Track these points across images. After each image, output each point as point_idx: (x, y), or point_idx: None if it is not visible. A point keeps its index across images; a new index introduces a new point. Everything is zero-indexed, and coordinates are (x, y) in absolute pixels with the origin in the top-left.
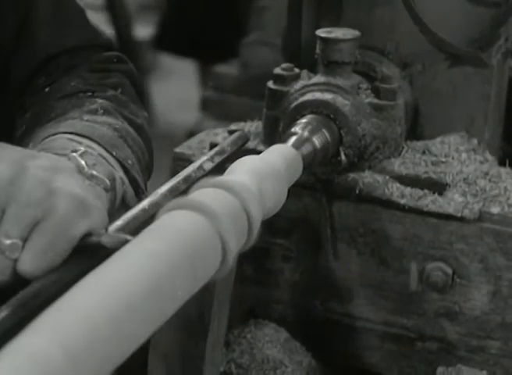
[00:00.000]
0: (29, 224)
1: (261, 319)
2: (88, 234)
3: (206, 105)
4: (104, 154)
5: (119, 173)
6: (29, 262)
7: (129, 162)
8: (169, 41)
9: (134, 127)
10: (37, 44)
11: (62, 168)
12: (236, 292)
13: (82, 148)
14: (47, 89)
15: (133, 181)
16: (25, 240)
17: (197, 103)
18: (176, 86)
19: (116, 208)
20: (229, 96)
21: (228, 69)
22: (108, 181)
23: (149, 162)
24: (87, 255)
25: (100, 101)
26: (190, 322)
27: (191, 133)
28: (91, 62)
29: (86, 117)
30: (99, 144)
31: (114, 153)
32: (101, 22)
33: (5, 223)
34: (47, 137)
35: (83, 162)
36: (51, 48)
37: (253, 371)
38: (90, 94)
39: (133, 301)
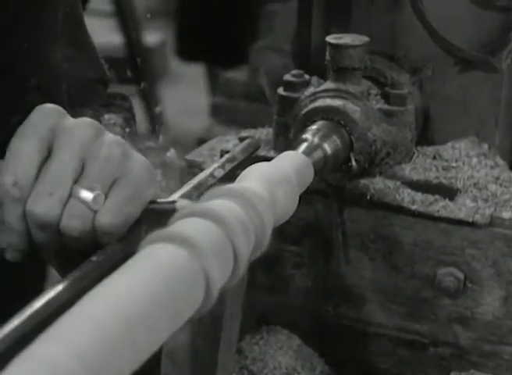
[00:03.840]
0: (109, 180)
1: (273, 325)
2: (152, 202)
3: (216, 111)
4: None
5: None
6: (109, 214)
7: None
8: (179, 46)
9: None
10: (56, 83)
11: None
12: (248, 299)
13: None
14: None
15: None
16: (105, 194)
17: (207, 109)
18: (186, 92)
19: None
20: (240, 102)
21: (238, 75)
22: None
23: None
24: (156, 219)
25: (117, 128)
26: (203, 329)
27: (201, 140)
28: (100, 97)
29: None
30: None
31: None
32: (110, 28)
33: (88, 177)
34: None
35: None
36: (65, 85)
37: None
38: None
39: (145, 314)
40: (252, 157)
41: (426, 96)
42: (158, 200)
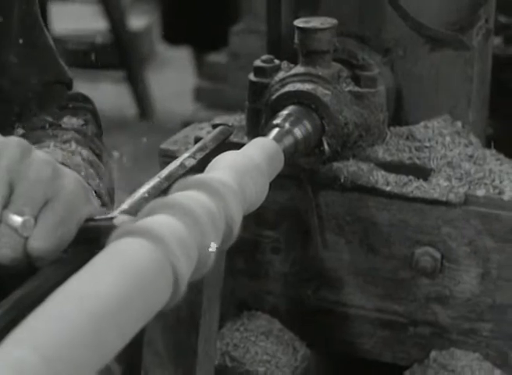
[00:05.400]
0: (40, 202)
1: (253, 311)
2: (89, 219)
3: (200, 95)
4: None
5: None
6: (41, 239)
7: (103, 191)
8: (164, 30)
9: (102, 162)
10: (10, 88)
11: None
12: (228, 285)
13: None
14: (16, 124)
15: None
16: (35, 217)
17: (193, 93)
18: (173, 76)
19: None
20: (223, 85)
21: (219, 59)
22: (93, 191)
23: (113, 199)
24: (96, 237)
25: (74, 133)
26: (182, 318)
27: (188, 123)
28: (59, 99)
29: (61, 146)
30: (75, 170)
31: (90, 183)
32: (94, 14)
33: (17, 201)
34: None
35: None
36: (22, 89)
37: (247, 363)
38: (59, 127)
39: (113, 310)
40: (225, 144)
41: (398, 76)
42: (97, 217)
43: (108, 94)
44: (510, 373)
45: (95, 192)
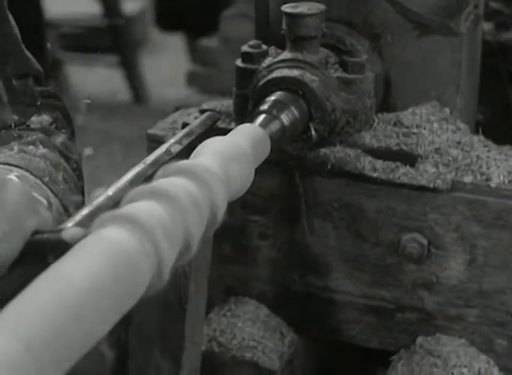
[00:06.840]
0: None
1: (241, 296)
2: (37, 232)
3: (192, 80)
4: (40, 183)
5: (56, 201)
6: None
7: (67, 197)
8: (157, 15)
9: (69, 163)
10: None
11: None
12: (216, 270)
13: (17, 173)
14: None
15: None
16: None
17: (186, 78)
18: (166, 60)
19: None
20: (214, 70)
21: (211, 43)
22: (45, 202)
23: (81, 200)
24: (43, 252)
25: (39, 134)
26: (168, 303)
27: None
28: (26, 95)
29: (25, 149)
30: (36, 176)
31: (52, 188)
32: None
33: None
34: None
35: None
36: None
37: (234, 349)
38: (26, 126)
39: (93, 299)
40: (212, 130)
41: (386, 62)
42: (46, 230)
43: (101, 78)
44: (495, 359)
45: (58, 198)
